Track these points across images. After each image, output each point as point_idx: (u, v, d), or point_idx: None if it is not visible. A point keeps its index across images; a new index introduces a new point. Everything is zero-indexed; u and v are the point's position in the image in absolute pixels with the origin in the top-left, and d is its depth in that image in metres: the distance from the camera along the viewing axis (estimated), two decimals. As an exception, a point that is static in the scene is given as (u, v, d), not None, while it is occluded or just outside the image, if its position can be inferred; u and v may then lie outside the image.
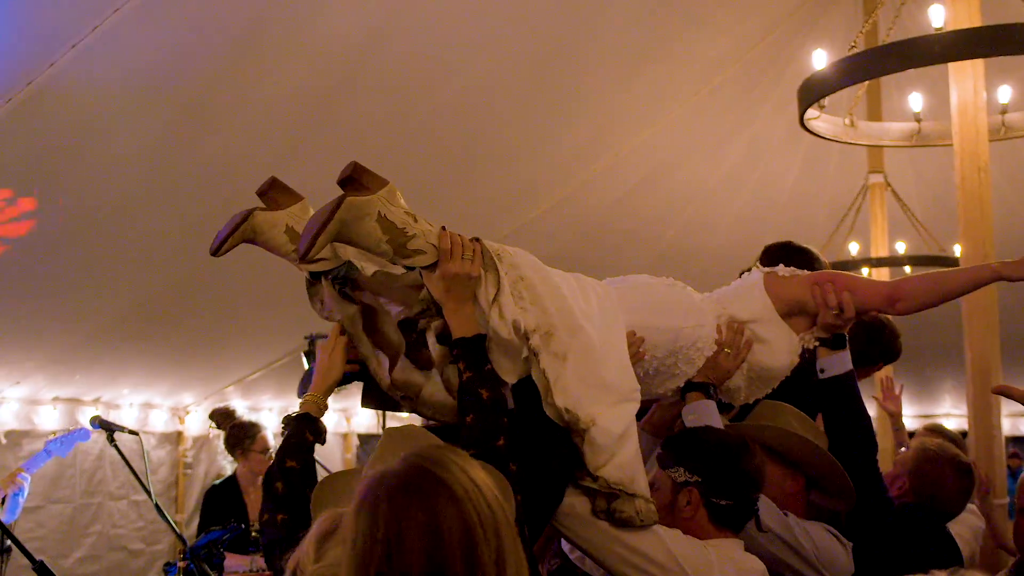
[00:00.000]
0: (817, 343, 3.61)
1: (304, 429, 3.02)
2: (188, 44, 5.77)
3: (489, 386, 2.92)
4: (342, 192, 2.96)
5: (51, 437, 6.68)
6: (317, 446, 3.10)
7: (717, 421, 3.41)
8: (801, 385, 3.68)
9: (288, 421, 3.08)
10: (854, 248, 9.50)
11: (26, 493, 6.44)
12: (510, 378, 3.06)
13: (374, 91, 6.82)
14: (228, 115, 6.39)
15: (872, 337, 4.39)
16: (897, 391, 6.18)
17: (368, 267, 3.13)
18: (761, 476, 3.14)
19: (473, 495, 1.83)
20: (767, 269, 3.67)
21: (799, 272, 3.67)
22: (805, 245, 4.28)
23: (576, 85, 7.80)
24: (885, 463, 4.61)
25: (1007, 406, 6.00)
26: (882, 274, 9.06)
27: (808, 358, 3.65)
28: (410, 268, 3.05)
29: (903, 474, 3.94)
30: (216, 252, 3.19)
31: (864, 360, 4.24)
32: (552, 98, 7.81)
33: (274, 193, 3.23)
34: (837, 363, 3.61)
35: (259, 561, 5.82)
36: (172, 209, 6.91)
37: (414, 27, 6.49)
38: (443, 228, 3.04)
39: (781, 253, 4.07)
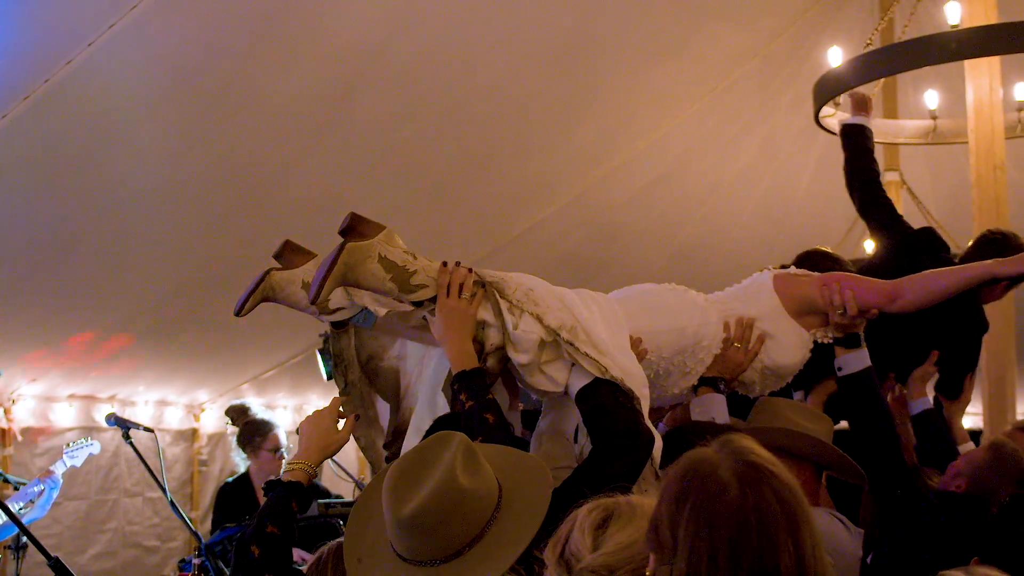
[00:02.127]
0: (831, 339, 3.74)
1: (292, 497, 3.00)
2: (204, 42, 5.78)
3: (493, 411, 3.01)
4: (343, 239, 3.15)
5: (66, 448, 6.71)
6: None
7: (723, 414, 3.55)
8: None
9: (273, 485, 3.06)
10: (869, 246, 9.44)
11: (59, 487, 6.44)
12: (554, 385, 3.24)
13: (390, 88, 6.82)
14: (246, 112, 6.40)
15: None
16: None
17: (380, 310, 3.37)
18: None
19: (797, 492, 1.85)
20: (777, 270, 3.83)
21: (810, 273, 3.82)
22: (835, 253, 4.63)
23: (590, 82, 7.79)
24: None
25: (1021, 405, 5.97)
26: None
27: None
28: (417, 304, 3.25)
29: (965, 474, 3.90)
30: (239, 313, 3.40)
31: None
32: (566, 95, 7.80)
33: (288, 254, 3.46)
34: (854, 361, 3.73)
35: None
36: (188, 207, 6.93)
37: (429, 24, 6.49)
38: (443, 263, 3.23)
39: (812, 259, 4.36)
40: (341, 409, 3.30)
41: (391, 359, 3.62)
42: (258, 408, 6.38)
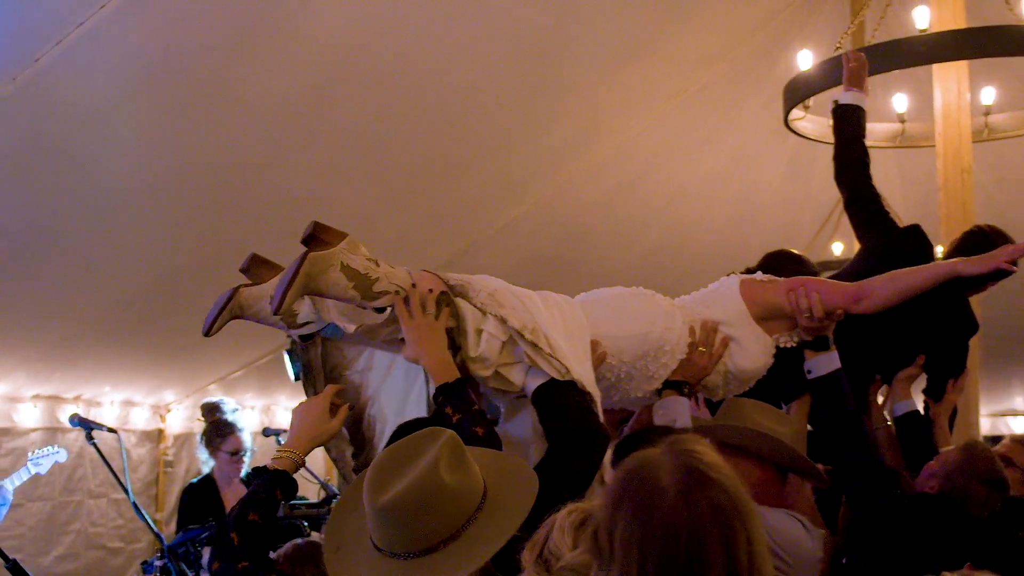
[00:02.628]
0: (795, 343, 3.76)
1: (276, 486, 2.97)
2: (177, 41, 5.74)
3: (482, 423, 3.00)
4: (306, 249, 3.13)
5: (30, 454, 6.65)
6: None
7: (686, 417, 3.57)
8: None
9: (259, 473, 3.02)
10: (838, 248, 9.51)
11: (8, 505, 6.39)
12: (511, 386, 3.29)
13: (363, 89, 6.80)
14: (216, 113, 6.36)
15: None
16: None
17: (349, 326, 3.35)
18: None
19: (739, 491, 1.81)
20: (744, 275, 3.84)
21: (776, 279, 3.82)
22: (801, 254, 4.66)
23: (559, 83, 7.79)
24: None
25: (986, 405, 6.00)
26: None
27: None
28: (380, 310, 3.26)
29: (938, 475, 3.92)
30: (207, 332, 3.31)
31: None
32: (536, 96, 7.79)
33: (255, 268, 3.38)
34: (823, 363, 3.76)
35: None
36: (159, 206, 6.88)
37: (402, 26, 6.47)
38: (413, 284, 3.24)
39: (778, 260, 4.40)
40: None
41: (355, 372, 3.61)
42: (232, 407, 6.31)
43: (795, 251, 4.66)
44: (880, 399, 4.61)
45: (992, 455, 3.93)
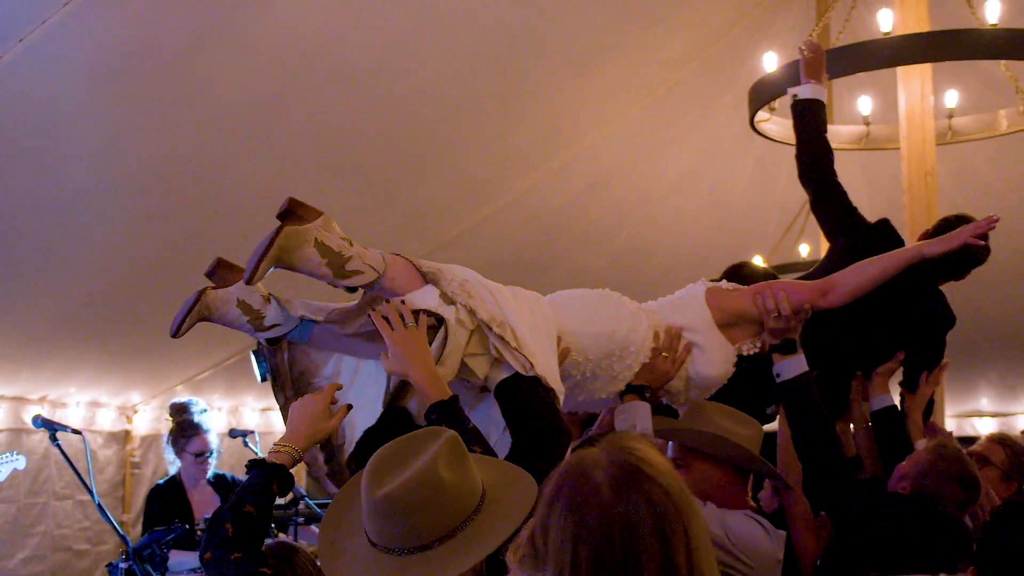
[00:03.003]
0: (757, 350, 3.79)
1: (273, 480, 2.94)
2: (141, 39, 5.71)
3: (480, 443, 3.01)
4: (281, 223, 3.20)
5: None
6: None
7: (647, 422, 3.59)
8: None
9: (256, 464, 3.00)
10: (804, 250, 9.57)
11: None
12: (474, 377, 3.31)
13: (327, 89, 6.78)
14: (180, 112, 6.33)
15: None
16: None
17: (319, 316, 3.42)
18: None
19: (678, 490, 1.79)
20: (711, 283, 3.87)
21: (740, 286, 3.87)
22: (763, 267, 4.73)
23: (528, 84, 7.80)
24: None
25: (951, 406, 6.06)
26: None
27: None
28: (351, 290, 3.30)
29: (909, 476, 3.94)
30: (175, 334, 3.37)
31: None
32: (504, 97, 7.80)
33: (221, 272, 3.42)
34: (791, 366, 3.79)
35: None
36: (123, 205, 6.84)
37: (368, 25, 6.47)
38: (386, 301, 3.26)
39: (741, 271, 4.44)
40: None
41: (323, 379, 3.61)
42: (200, 408, 6.27)
43: (757, 263, 4.68)
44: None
45: (962, 455, 3.95)
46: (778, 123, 6.65)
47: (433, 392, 3.10)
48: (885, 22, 5.63)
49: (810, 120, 4.69)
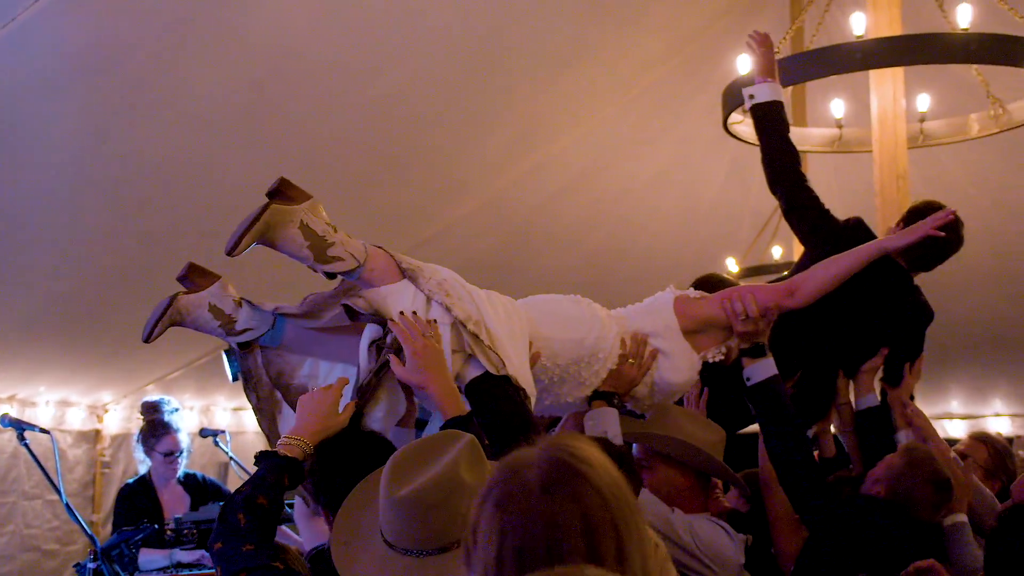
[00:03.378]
0: (722, 357, 3.86)
1: (285, 472, 2.93)
2: (113, 37, 5.68)
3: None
4: (269, 200, 3.26)
5: None
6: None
7: (616, 427, 3.68)
8: None
9: (267, 456, 2.99)
10: (777, 252, 9.60)
11: None
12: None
13: (300, 90, 6.76)
14: (153, 111, 6.30)
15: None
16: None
17: (293, 309, 3.46)
18: (639, 480, 3.41)
19: (615, 491, 1.78)
20: (679, 292, 3.94)
21: (707, 294, 3.94)
22: (731, 279, 4.79)
23: (502, 85, 7.79)
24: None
25: (921, 408, 6.08)
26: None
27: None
28: (330, 276, 3.35)
29: (883, 479, 3.96)
30: (147, 339, 3.42)
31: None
32: (478, 97, 7.80)
33: (193, 276, 3.46)
34: (761, 370, 3.84)
35: (178, 555, 5.75)
36: (93, 204, 6.80)
37: (343, 26, 6.45)
38: (401, 313, 3.27)
39: (709, 283, 4.46)
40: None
41: (301, 377, 3.64)
42: (172, 407, 6.24)
43: (723, 276, 4.73)
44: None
45: (933, 457, 3.98)
46: (751, 125, 6.67)
47: (450, 407, 3.13)
48: (858, 25, 5.66)
49: (772, 124, 4.64)
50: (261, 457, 2.99)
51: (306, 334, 3.53)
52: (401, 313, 3.25)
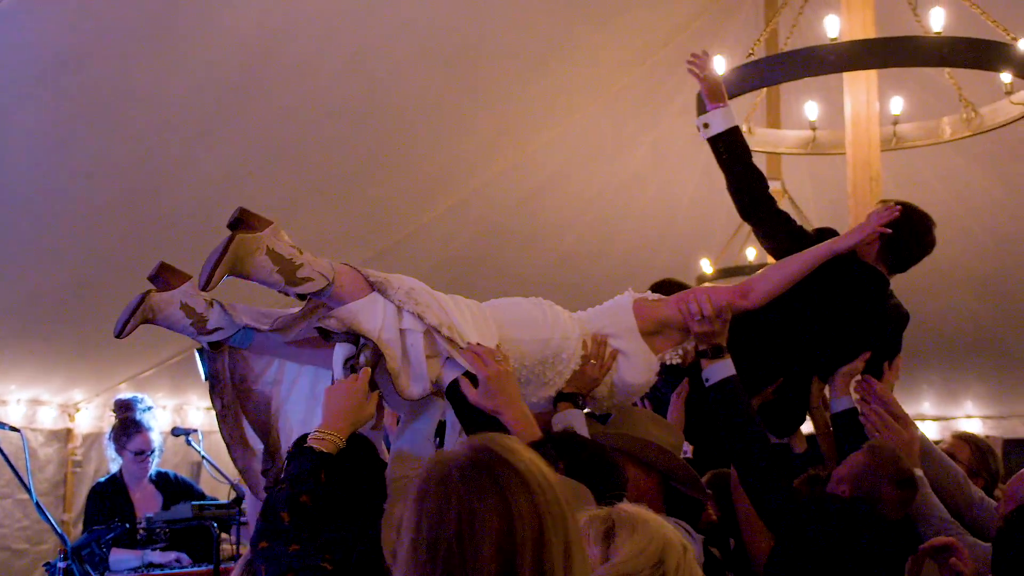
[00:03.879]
0: (680, 359, 3.94)
1: (321, 468, 2.93)
2: (84, 34, 5.65)
3: None
4: (232, 232, 3.26)
5: None
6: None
7: (583, 429, 3.67)
8: None
9: (304, 453, 2.98)
10: (751, 253, 9.62)
11: None
12: (425, 383, 3.41)
13: (276, 88, 6.74)
14: (129, 107, 6.27)
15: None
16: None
17: (263, 326, 3.48)
18: (623, 475, 3.43)
19: (543, 483, 1.79)
20: (638, 294, 4.01)
21: (665, 297, 4.01)
22: (685, 283, 4.76)
23: (478, 84, 7.79)
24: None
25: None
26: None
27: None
28: (302, 297, 3.39)
29: (847, 479, 3.98)
30: (120, 335, 3.43)
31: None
32: (453, 96, 7.79)
33: (164, 275, 3.49)
34: (719, 370, 3.89)
35: (149, 556, 5.72)
36: (63, 203, 6.76)
37: (317, 25, 6.43)
38: (470, 343, 3.41)
39: (666, 287, 4.49)
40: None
41: (264, 384, 3.69)
42: (145, 405, 6.21)
43: (680, 280, 4.78)
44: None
45: (897, 455, 3.99)
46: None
47: (525, 432, 3.20)
48: (832, 28, 5.68)
49: (734, 154, 4.49)
50: (297, 453, 3.00)
51: (274, 339, 3.56)
52: (470, 343, 3.37)
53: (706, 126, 4.49)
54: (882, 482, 3.87)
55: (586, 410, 3.94)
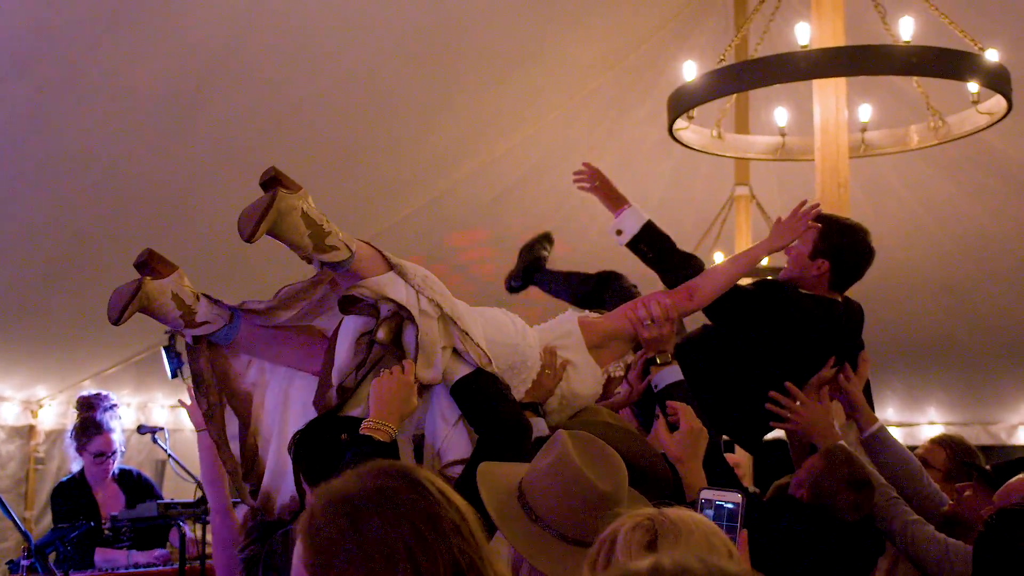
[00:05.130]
0: (622, 372, 4.12)
1: (380, 457, 2.94)
2: (49, 24, 5.60)
3: None
4: (264, 192, 3.29)
5: None
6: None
7: (545, 431, 3.69)
8: None
9: (367, 441, 3.06)
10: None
11: None
12: (435, 373, 3.46)
13: (243, 80, 6.71)
14: (93, 98, 6.22)
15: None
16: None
17: (261, 306, 3.51)
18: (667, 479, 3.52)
19: (448, 500, 1.83)
20: (579, 314, 4.12)
21: (609, 313, 4.16)
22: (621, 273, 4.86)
23: (448, 86, 7.79)
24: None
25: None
26: (744, 284, 9.22)
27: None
28: (328, 265, 3.37)
29: (805, 483, 3.99)
30: (117, 322, 3.38)
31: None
32: (423, 95, 7.78)
33: (153, 263, 3.46)
34: (667, 375, 3.99)
35: (135, 557, 5.70)
36: (27, 194, 6.71)
37: (286, 18, 6.41)
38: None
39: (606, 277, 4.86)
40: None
41: (245, 383, 3.69)
42: (108, 404, 6.14)
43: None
44: None
45: (852, 458, 4.01)
46: (696, 132, 6.73)
47: (696, 483, 3.32)
48: (802, 35, 5.71)
49: (658, 250, 4.33)
50: (359, 442, 3.06)
51: (259, 336, 3.58)
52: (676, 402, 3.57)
53: (619, 233, 4.40)
54: (838, 486, 3.90)
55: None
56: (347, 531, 1.75)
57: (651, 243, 4.33)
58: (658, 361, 4.01)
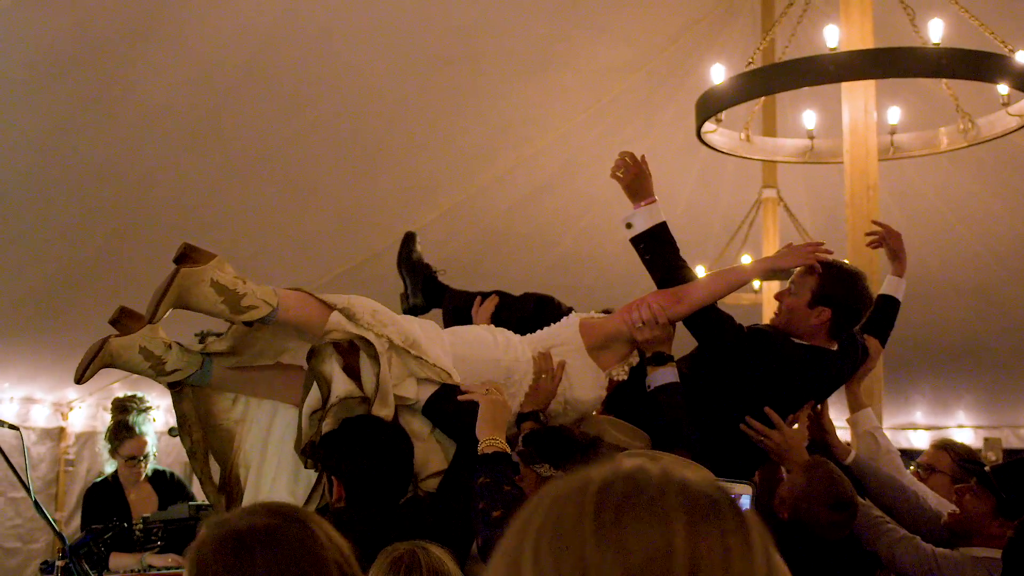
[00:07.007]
0: (624, 376, 4.09)
1: (507, 471, 3.28)
2: (76, 39, 5.67)
3: None
4: (177, 267, 3.43)
5: None
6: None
7: None
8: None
9: (495, 460, 3.27)
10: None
11: None
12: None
13: (269, 89, 6.75)
14: (120, 109, 6.29)
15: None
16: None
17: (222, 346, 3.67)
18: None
19: (332, 541, 1.87)
20: (583, 315, 4.16)
21: (608, 314, 4.18)
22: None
23: (475, 88, 7.80)
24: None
25: (886, 419, 6.13)
26: (771, 287, 9.20)
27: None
28: (248, 324, 3.56)
29: (787, 502, 3.98)
30: (80, 381, 3.64)
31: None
32: (451, 100, 7.80)
33: (124, 320, 3.62)
34: (662, 376, 4.04)
35: (148, 559, 5.71)
36: (58, 201, 6.78)
37: (310, 24, 6.44)
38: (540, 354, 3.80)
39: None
40: None
41: (229, 421, 3.86)
42: (142, 407, 6.19)
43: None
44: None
45: (832, 475, 3.96)
46: (724, 135, 6.72)
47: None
48: (831, 38, 5.70)
49: (658, 254, 4.24)
50: (498, 459, 3.28)
51: (233, 373, 3.73)
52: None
53: (629, 227, 4.31)
54: (816, 505, 3.89)
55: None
56: (232, 567, 1.77)
57: (653, 244, 4.23)
58: (654, 362, 4.05)
